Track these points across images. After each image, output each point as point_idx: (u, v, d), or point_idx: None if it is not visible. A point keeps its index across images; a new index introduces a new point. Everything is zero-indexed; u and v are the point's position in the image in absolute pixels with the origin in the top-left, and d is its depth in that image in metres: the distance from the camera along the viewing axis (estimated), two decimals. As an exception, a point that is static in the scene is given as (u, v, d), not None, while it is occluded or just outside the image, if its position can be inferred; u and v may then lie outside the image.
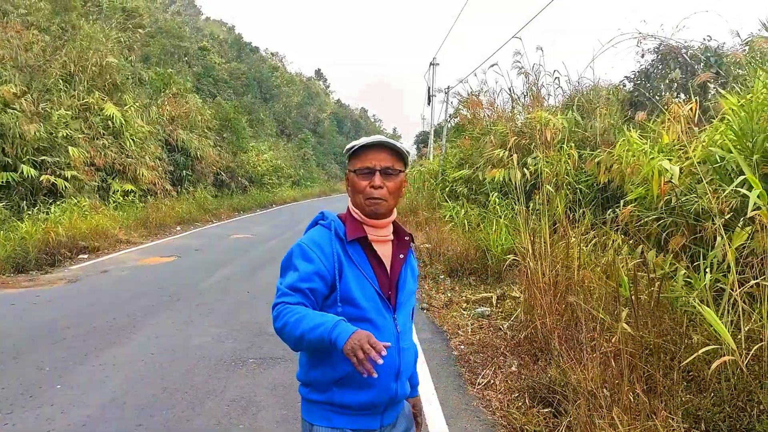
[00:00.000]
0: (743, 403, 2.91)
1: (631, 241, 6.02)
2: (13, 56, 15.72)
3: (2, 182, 12.57)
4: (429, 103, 25.72)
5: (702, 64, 10.02)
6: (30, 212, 12.26)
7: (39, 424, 3.83)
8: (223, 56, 50.19)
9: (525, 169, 8.97)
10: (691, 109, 7.04)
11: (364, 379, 1.65)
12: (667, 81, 10.58)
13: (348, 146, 1.87)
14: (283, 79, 64.16)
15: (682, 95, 10.25)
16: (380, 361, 1.47)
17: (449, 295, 7.96)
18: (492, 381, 4.55)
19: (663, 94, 10.51)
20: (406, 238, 1.94)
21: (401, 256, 1.90)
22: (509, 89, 14.07)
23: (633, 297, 4.00)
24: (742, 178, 3.24)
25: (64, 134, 15.04)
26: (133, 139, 18.42)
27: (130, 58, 24.06)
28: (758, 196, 2.98)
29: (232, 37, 61.62)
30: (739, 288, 3.26)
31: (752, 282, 3.19)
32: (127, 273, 9.82)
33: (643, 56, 10.96)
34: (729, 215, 3.96)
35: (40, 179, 13.47)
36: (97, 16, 24.21)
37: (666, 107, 7.50)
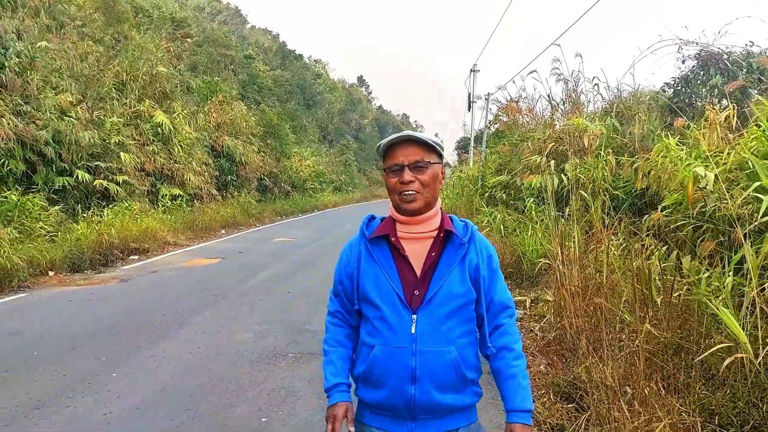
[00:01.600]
0: (756, 399, 3.03)
1: (665, 247, 6.07)
2: (69, 66, 16.53)
3: (59, 186, 13.21)
4: (469, 110, 25.80)
5: (744, 70, 9.92)
6: (85, 215, 12.87)
7: (97, 408, 4.18)
8: (268, 64, 51.17)
9: (563, 175, 9.07)
10: (728, 115, 7.07)
11: (378, 376, 1.78)
12: (708, 87, 10.49)
13: (378, 145, 1.87)
14: (325, 86, 65.03)
15: (724, 101, 10.15)
16: None
17: (484, 298, 8.10)
18: (520, 379, 4.71)
19: (704, 100, 10.44)
20: (441, 234, 1.84)
21: (433, 253, 1.81)
22: (548, 96, 14.13)
23: (657, 299, 4.13)
24: (757, 183, 3.36)
25: (117, 141, 15.72)
26: (181, 145, 19.09)
27: (178, 67, 24.84)
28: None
29: (276, 45, 62.73)
30: (761, 292, 3.38)
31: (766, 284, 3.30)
32: (174, 273, 10.27)
33: (683, 62, 10.93)
34: (758, 221, 4.04)
35: (94, 184, 14.12)
36: (148, 27, 25.11)
37: (701, 114, 7.51)
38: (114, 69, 18.12)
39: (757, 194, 3.53)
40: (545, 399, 4.17)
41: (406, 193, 1.77)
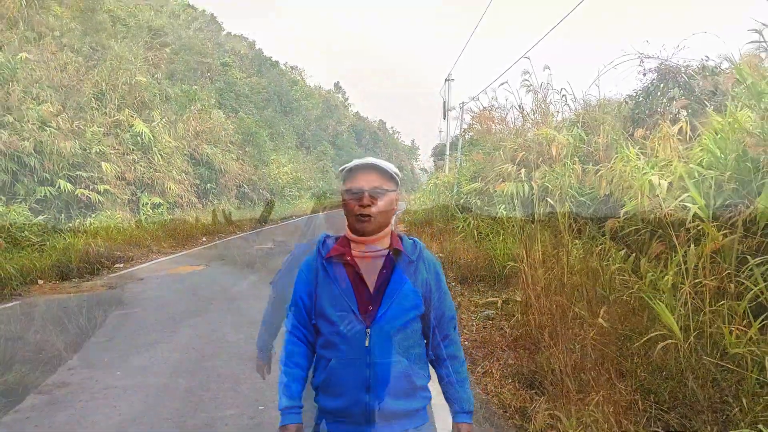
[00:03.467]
0: (685, 378, 3.57)
1: (623, 250, 6.63)
2: (49, 77, 16.75)
3: (41, 196, 13.46)
4: (445, 118, 26.43)
5: (699, 83, 10.58)
6: (70, 224, 13.13)
7: (107, 402, 4.59)
8: (244, 71, 51.30)
9: (533, 183, 9.63)
10: (681, 128, 7.69)
11: (335, 386, 1.92)
12: (667, 99, 11.14)
13: (341, 167, 1.98)
14: (302, 93, 65.35)
15: (683, 112, 10.80)
16: None
17: (459, 300, 8.60)
18: (489, 370, 5.22)
19: (664, 111, 11.09)
20: (390, 252, 1.97)
21: (384, 271, 1.94)
22: (519, 106, 14.75)
23: (610, 297, 4.67)
24: (686, 194, 3.91)
25: (97, 150, 16.00)
26: (160, 154, 19.38)
27: (156, 75, 25.09)
28: (700, 208, 3.64)
29: (252, 52, 62.88)
30: (693, 287, 3.93)
31: (697, 280, 3.85)
32: (161, 281, 10.62)
33: (644, 75, 11.59)
34: (690, 226, 4.60)
35: (76, 193, 14.38)
36: (125, 35, 25.27)
37: (656, 126, 8.13)
38: (93, 79, 18.35)
39: (686, 204, 4.08)
40: (511, 386, 4.68)
41: (363, 215, 1.88)
